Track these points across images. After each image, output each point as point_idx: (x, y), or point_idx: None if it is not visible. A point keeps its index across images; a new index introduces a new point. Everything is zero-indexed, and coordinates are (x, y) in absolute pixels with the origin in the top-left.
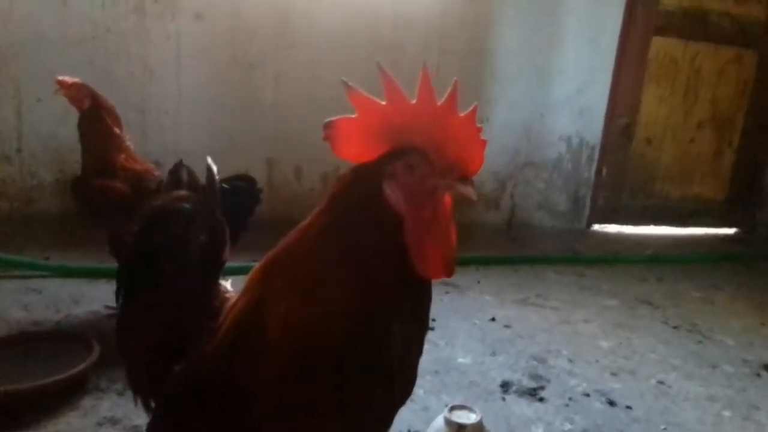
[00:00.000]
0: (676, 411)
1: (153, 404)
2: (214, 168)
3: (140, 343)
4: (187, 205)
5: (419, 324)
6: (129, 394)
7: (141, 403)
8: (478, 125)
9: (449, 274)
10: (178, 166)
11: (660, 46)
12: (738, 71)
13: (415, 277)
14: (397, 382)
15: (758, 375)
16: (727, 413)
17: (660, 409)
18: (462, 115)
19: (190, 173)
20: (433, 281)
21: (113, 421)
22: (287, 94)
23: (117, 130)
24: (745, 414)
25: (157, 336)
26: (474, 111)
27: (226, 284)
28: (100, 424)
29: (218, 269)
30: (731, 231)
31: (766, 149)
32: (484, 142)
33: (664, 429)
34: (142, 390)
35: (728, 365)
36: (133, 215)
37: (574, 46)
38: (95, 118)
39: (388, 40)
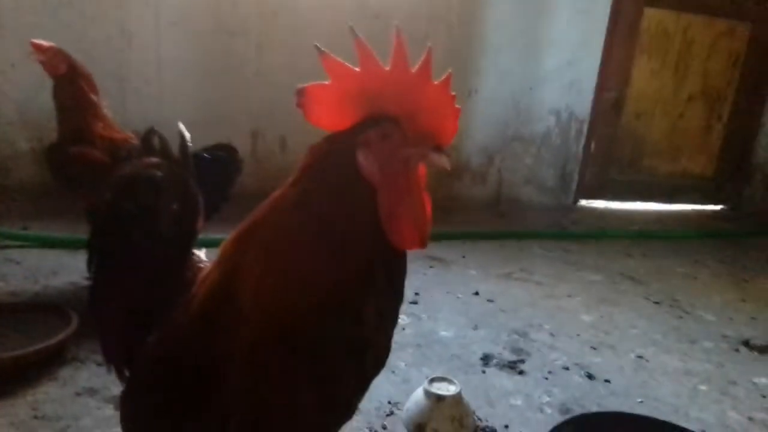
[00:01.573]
0: (654, 385)
1: (126, 373)
2: (187, 135)
3: (112, 313)
4: (158, 173)
5: (394, 295)
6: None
7: (115, 373)
8: (453, 93)
9: (423, 245)
10: (150, 133)
11: (652, 17)
12: (730, 44)
13: (390, 248)
14: (370, 354)
15: (737, 350)
16: (703, 387)
17: (638, 382)
18: (436, 83)
19: (162, 140)
20: (418, 254)
21: (91, 392)
22: (271, 63)
23: (94, 98)
24: (722, 388)
25: (128, 305)
26: (448, 79)
27: (201, 254)
28: (78, 394)
29: (192, 239)
30: (718, 207)
31: (756, 125)
32: (458, 111)
33: (641, 402)
34: (115, 359)
35: (707, 341)
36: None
37: (565, 17)
38: (71, 85)
39: (375, 7)
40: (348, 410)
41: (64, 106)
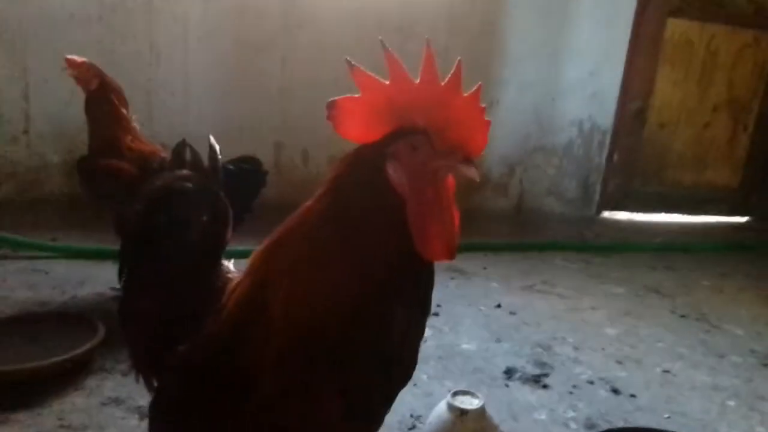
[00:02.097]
0: (681, 400)
1: (155, 383)
2: (217, 147)
3: (142, 323)
4: (189, 185)
5: (421, 307)
6: (133, 374)
7: (143, 382)
8: (483, 106)
9: (451, 256)
10: (182, 145)
11: (675, 27)
12: (755, 54)
13: (418, 259)
14: (397, 366)
15: (765, 365)
16: (732, 403)
17: (664, 397)
18: (466, 95)
19: (194, 152)
20: (439, 266)
21: (117, 401)
22: (294, 77)
23: (124, 111)
24: (750, 404)
25: (159, 316)
26: (478, 91)
27: (229, 265)
28: (104, 404)
29: (221, 250)
30: (743, 219)
31: None
32: (487, 123)
33: (668, 417)
34: (144, 369)
35: (735, 355)
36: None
37: (587, 28)
38: (103, 99)
39: (396, 21)
40: (374, 422)
41: (95, 120)
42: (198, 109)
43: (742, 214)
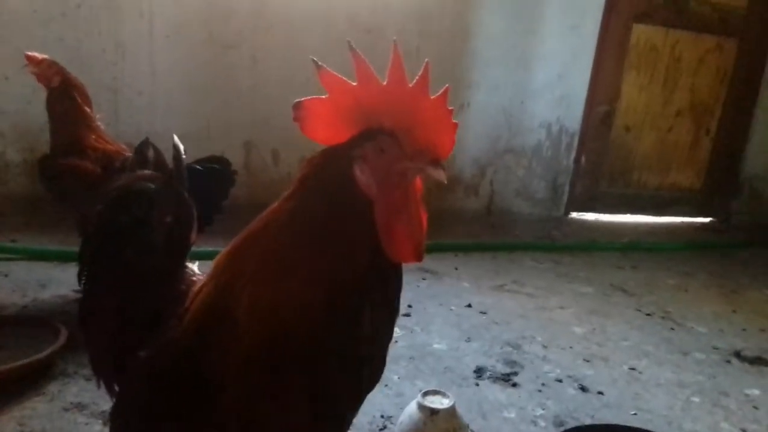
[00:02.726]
0: (647, 397)
1: (116, 388)
2: (181, 147)
3: (103, 327)
4: (151, 185)
5: (389, 309)
6: (95, 378)
7: (104, 387)
8: (450, 108)
9: (419, 258)
10: (144, 145)
11: (641, 33)
12: (717, 60)
13: (386, 261)
14: (366, 368)
15: (728, 362)
16: (696, 399)
17: (631, 394)
18: (433, 97)
19: (157, 152)
20: (411, 267)
21: (80, 407)
22: (264, 76)
23: (87, 110)
24: (714, 400)
25: (120, 319)
26: (445, 93)
27: (194, 267)
28: (66, 409)
29: (185, 252)
30: (707, 220)
31: (743, 139)
32: (455, 126)
33: (634, 414)
34: (105, 373)
35: (699, 352)
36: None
37: (555, 32)
38: (64, 97)
39: (366, 22)
40: (342, 425)
41: (57, 118)
42: (165, 108)
43: (705, 215)
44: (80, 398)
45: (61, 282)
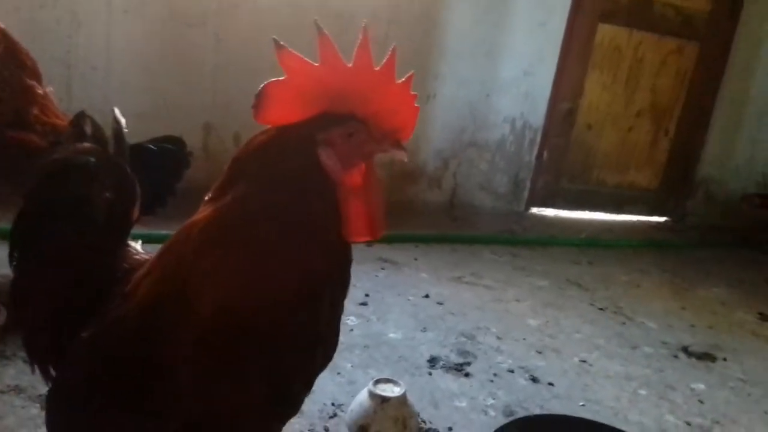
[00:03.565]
0: (596, 388)
1: (52, 372)
2: (122, 120)
3: (38, 308)
4: (90, 159)
5: (343, 287)
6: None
7: (40, 371)
8: (414, 93)
9: (378, 234)
10: (81, 117)
11: (606, 33)
12: (678, 62)
13: (346, 242)
14: (321, 348)
15: (676, 357)
16: (643, 392)
17: (580, 386)
18: (399, 82)
19: (95, 125)
20: (370, 256)
21: (18, 390)
22: (228, 58)
23: (33, 81)
24: (660, 393)
25: (57, 300)
26: (410, 79)
27: (137, 246)
28: (3, 392)
29: (126, 229)
30: (662, 219)
31: (700, 141)
32: (417, 109)
33: (583, 405)
34: (41, 357)
35: (648, 346)
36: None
37: (524, 28)
38: (8, 65)
39: (336, 6)
40: (295, 405)
41: (1, 89)
42: (121, 85)
43: (660, 215)
44: (18, 381)
45: (3, 261)
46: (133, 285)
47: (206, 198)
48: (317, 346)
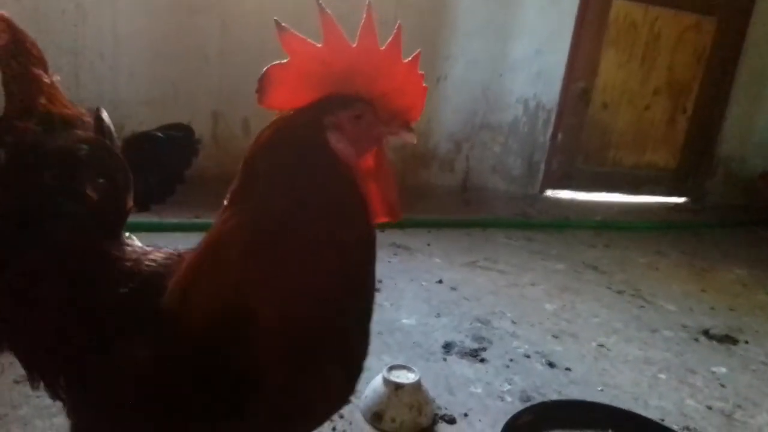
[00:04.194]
0: (614, 373)
1: (65, 391)
2: (104, 112)
3: (40, 329)
4: (81, 146)
5: (373, 264)
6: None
7: (46, 389)
8: (421, 72)
9: (397, 216)
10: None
11: (621, 9)
12: (696, 38)
13: (368, 221)
14: (369, 323)
15: (696, 340)
16: (663, 376)
17: (598, 370)
18: (406, 61)
19: (98, 117)
20: (383, 242)
21: None
22: (234, 43)
23: (40, 71)
24: (681, 377)
25: (60, 313)
26: (417, 58)
27: (134, 240)
28: (17, 382)
29: (121, 219)
30: (681, 200)
31: (719, 119)
32: (426, 89)
33: (601, 390)
34: (49, 380)
35: (668, 330)
36: None
37: (535, 6)
38: (16, 55)
39: None
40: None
41: (9, 79)
42: (129, 74)
43: (679, 195)
44: None
45: None
46: (176, 299)
47: (225, 202)
48: (370, 320)
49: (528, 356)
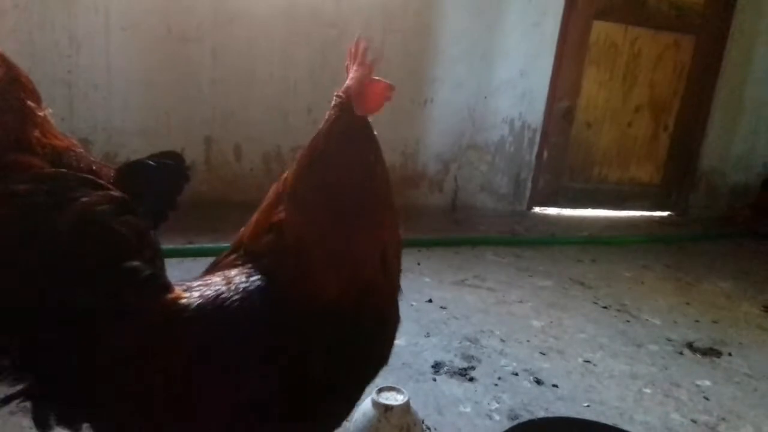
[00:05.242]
0: (600, 389)
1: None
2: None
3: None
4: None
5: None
6: None
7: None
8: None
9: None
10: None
11: (601, 30)
12: (675, 57)
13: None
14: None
15: (681, 353)
16: (648, 390)
17: (585, 387)
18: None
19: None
20: None
21: (26, 410)
22: (226, 71)
23: (32, 103)
24: (666, 391)
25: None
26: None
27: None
28: (12, 413)
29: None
30: (665, 214)
31: (700, 134)
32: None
33: (587, 406)
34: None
35: (653, 344)
36: None
37: (518, 30)
38: (7, 89)
39: (330, 16)
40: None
41: (2, 112)
42: (122, 103)
43: (663, 209)
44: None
45: None
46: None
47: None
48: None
49: (516, 374)
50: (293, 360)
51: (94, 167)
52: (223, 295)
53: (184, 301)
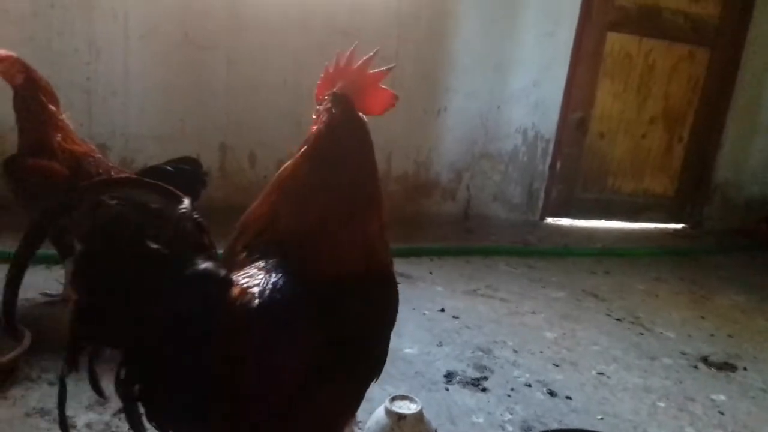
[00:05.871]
0: (614, 401)
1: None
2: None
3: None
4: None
5: None
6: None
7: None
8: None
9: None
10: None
11: (615, 41)
12: (690, 68)
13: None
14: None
15: (695, 367)
16: (662, 404)
17: (598, 399)
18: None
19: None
20: None
21: (43, 412)
22: (240, 78)
23: (53, 109)
24: (680, 405)
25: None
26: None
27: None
28: (28, 415)
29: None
30: (679, 226)
31: (715, 146)
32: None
33: (601, 419)
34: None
35: (667, 357)
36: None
37: (531, 39)
38: (29, 95)
39: (343, 25)
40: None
41: (23, 117)
42: (139, 109)
43: (677, 221)
44: (43, 403)
45: (28, 284)
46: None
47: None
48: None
49: (529, 385)
50: (335, 325)
51: (112, 172)
52: (270, 282)
53: (249, 294)
